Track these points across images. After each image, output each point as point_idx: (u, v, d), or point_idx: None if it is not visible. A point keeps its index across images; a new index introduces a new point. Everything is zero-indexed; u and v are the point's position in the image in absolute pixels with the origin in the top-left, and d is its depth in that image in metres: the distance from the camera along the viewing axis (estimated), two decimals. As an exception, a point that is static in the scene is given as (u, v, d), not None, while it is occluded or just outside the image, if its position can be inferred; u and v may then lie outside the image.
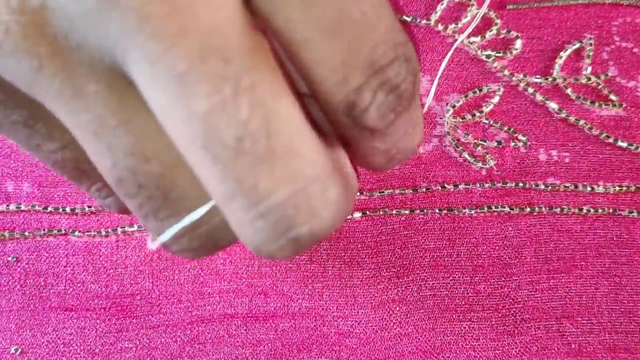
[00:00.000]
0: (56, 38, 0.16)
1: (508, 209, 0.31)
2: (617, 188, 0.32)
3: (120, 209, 0.22)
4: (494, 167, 0.32)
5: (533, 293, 0.30)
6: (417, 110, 0.20)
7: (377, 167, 0.21)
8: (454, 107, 0.32)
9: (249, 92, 0.16)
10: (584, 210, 0.31)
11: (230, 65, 0.16)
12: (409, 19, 0.33)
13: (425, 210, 0.31)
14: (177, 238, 0.19)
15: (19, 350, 0.29)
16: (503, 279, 0.30)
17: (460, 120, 0.32)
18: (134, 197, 0.18)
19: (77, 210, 0.30)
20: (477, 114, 0.32)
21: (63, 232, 0.30)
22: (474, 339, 0.29)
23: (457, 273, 0.30)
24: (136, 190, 0.18)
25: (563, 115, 0.32)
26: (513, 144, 0.32)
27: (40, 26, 0.16)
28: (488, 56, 0.33)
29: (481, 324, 0.30)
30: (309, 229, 0.17)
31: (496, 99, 0.32)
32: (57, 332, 0.29)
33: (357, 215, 0.31)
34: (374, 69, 0.18)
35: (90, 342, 0.29)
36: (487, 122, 0.32)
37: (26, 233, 0.30)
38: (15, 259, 0.30)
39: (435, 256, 0.31)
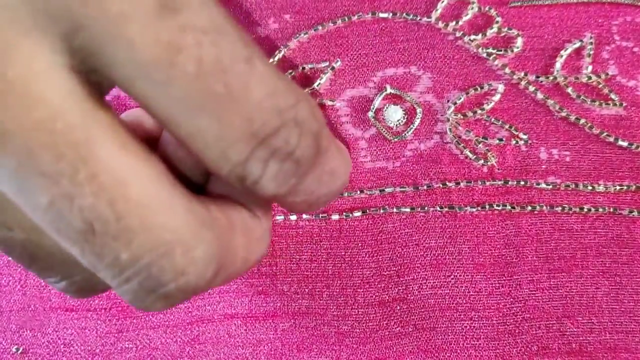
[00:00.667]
0: None
1: (509, 208, 0.31)
2: (618, 187, 0.32)
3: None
4: (495, 165, 0.32)
5: (534, 292, 0.30)
6: (330, 160, 0.20)
7: (299, 212, 0.21)
8: (455, 104, 0.32)
9: (90, 183, 0.16)
10: (585, 210, 0.31)
11: (64, 159, 0.16)
12: (410, 17, 0.33)
13: (426, 209, 0.31)
14: (56, 283, 0.20)
15: (20, 349, 0.29)
16: (504, 278, 0.30)
17: (462, 117, 0.32)
18: (8, 254, 0.19)
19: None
20: (479, 112, 0.32)
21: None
22: (475, 338, 0.29)
23: (457, 272, 0.30)
24: (7, 250, 0.19)
25: (564, 114, 0.32)
26: (514, 142, 0.32)
27: None
28: (489, 54, 0.33)
29: (482, 323, 0.30)
30: (176, 286, 0.17)
31: (497, 97, 0.32)
32: (57, 332, 0.29)
33: (358, 213, 0.31)
34: (257, 140, 0.17)
35: (91, 342, 0.29)
36: (488, 119, 0.32)
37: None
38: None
39: (436, 255, 0.31)
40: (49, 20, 0.15)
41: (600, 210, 0.31)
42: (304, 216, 0.30)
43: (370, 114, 0.32)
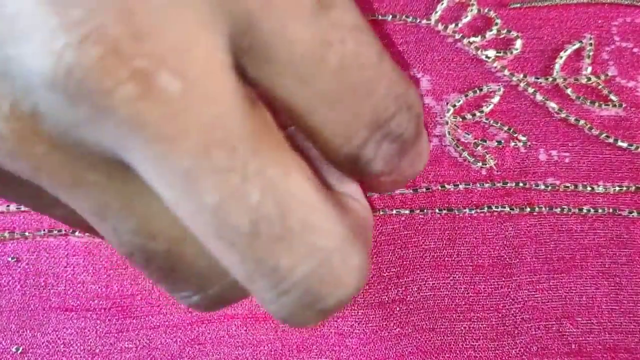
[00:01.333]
0: (52, 138, 0.16)
1: (508, 209, 0.31)
2: (617, 188, 0.32)
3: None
4: (494, 167, 0.32)
5: (533, 293, 0.30)
6: (422, 142, 0.21)
7: (383, 191, 0.21)
8: (454, 106, 0.32)
9: (257, 177, 0.16)
10: (584, 211, 0.31)
11: (235, 155, 0.16)
12: (409, 19, 0.33)
13: (425, 210, 0.31)
14: (187, 298, 0.20)
15: (20, 349, 0.29)
16: (503, 279, 0.30)
17: (461, 119, 0.32)
18: (143, 268, 0.19)
19: (77, 211, 0.30)
20: (478, 114, 0.32)
21: (63, 232, 0.30)
22: (474, 339, 0.29)
23: (457, 273, 0.30)
24: (145, 263, 0.19)
25: (563, 115, 0.32)
26: (513, 143, 0.32)
27: (34, 129, 0.16)
28: (488, 56, 0.33)
29: (481, 324, 0.30)
30: (335, 299, 0.17)
31: (496, 99, 0.32)
32: (57, 332, 0.29)
33: (357, 215, 0.31)
34: (377, 124, 0.18)
35: (91, 342, 0.29)
36: (487, 122, 0.32)
37: (26, 233, 0.30)
38: (15, 259, 0.30)
39: (435, 256, 0.31)
40: (223, 14, 0.16)
41: (600, 211, 0.31)
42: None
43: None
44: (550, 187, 0.32)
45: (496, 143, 0.32)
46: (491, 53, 0.33)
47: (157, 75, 0.15)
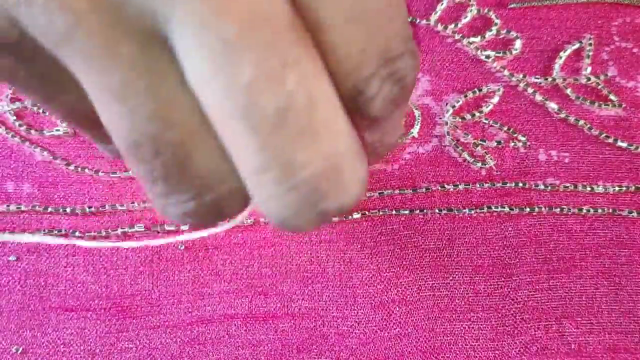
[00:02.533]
0: None
1: (508, 209, 0.31)
2: (617, 188, 0.32)
3: (119, 157, 0.22)
4: (494, 167, 0.32)
5: (533, 293, 0.30)
6: (404, 109, 0.21)
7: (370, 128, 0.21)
8: (453, 107, 0.32)
9: (295, 66, 0.16)
10: (584, 211, 0.31)
11: (279, 37, 0.16)
12: (408, 19, 0.33)
13: (425, 211, 0.31)
14: (181, 203, 0.19)
15: (20, 349, 0.29)
16: (503, 279, 0.30)
17: (460, 120, 0.32)
18: (147, 162, 0.18)
19: (77, 211, 0.31)
20: (477, 114, 0.32)
21: (63, 232, 0.30)
22: (474, 339, 0.29)
23: (456, 273, 0.30)
24: (151, 156, 0.18)
25: (563, 116, 0.32)
26: (513, 144, 0.32)
27: None
28: (488, 56, 0.33)
29: (481, 324, 0.30)
30: (336, 204, 0.18)
31: (496, 99, 0.32)
32: (57, 333, 0.29)
33: (357, 215, 0.31)
34: (385, 59, 0.18)
35: (91, 342, 0.29)
36: (486, 122, 0.32)
37: (26, 233, 0.30)
38: (16, 259, 0.30)
39: (435, 256, 0.31)
40: None
41: (600, 211, 0.31)
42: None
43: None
44: (549, 187, 0.32)
45: (496, 143, 0.32)
46: (491, 54, 0.33)
47: None
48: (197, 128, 0.17)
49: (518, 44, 0.33)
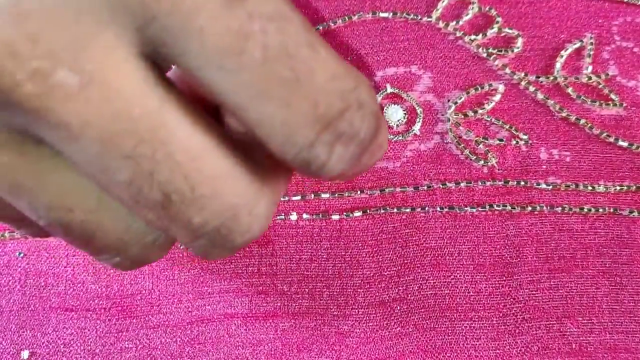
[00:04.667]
0: None
1: (509, 208, 0.31)
2: (618, 187, 0.32)
3: (37, 236, 0.23)
4: (496, 165, 0.32)
5: (534, 292, 0.30)
6: (382, 135, 0.20)
7: (341, 180, 0.21)
8: (455, 103, 0.32)
9: (166, 160, 0.17)
10: (585, 210, 0.31)
11: (143, 144, 0.16)
12: (410, 16, 0.33)
13: (426, 209, 0.31)
14: (109, 259, 0.21)
15: (27, 353, 0.29)
16: (504, 278, 0.30)
17: (462, 116, 0.32)
18: (64, 238, 0.20)
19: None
20: (479, 111, 0.32)
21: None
22: (475, 339, 0.29)
23: (458, 272, 0.30)
24: (65, 234, 0.19)
25: (564, 114, 0.32)
26: (514, 142, 0.32)
27: None
28: (489, 54, 0.33)
29: (482, 324, 0.30)
30: (242, 240, 0.19)
31: (497, 97, 0.32)
32: (57, 332, 0.29)
33: (358, 213, 0.31)
34: (322, 123, 0.17)
35: (91, 342, 0.29)
36: (488, 119, 0.32)
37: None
38: (22, 255, 0.30)
39: (436, 255, 0.30)
40: (123, 12, 0.16)
41: (601, 210, 0.31)
42: (304, 216, 0.30)
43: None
44: (551, 186, 0.32)
45: (497, 141, 0.32)
46: (492, 52, 0.33)
47: (55, 73, 0.15)
48: (96, 205, 0.19)
49: (519, 42, 0.33)
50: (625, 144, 0.32)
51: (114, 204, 0.19)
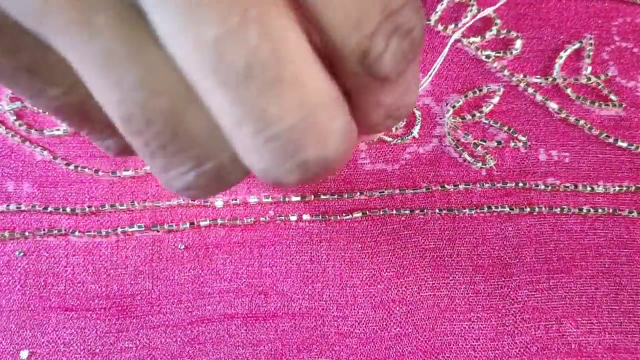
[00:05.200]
0: None
1: (508, 209, 0.31)
2: (617, 188, 0.32)
3: (119, 151, 0.22)
4: (494, 167, 0.32)
5: (533, 293, 0.30)
6: (416, 68, 0.21)
7: (375, 124, 0.21)
8: (454, 107, 0.32)
9: (257, 23, 0.16)
10: (584, 210, 0.31)
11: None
12: None
13: (425, 211, 0.31)
14: (183, 174, 0.19)
15: (27, 353, 0.29)
16: (503, 279, 0.30)
17: (460, 120, 0.32)
18: (142, 134, 0.18)
19: (77, 210, 0.30)
20: (477, 114, 0.32)
21: (63, 232, 0.30)
22: (474, 339, 0.29)
23: (457, 273, 0.30)
24: (144, 126, 0.18)
25: (563, 115, 0.32)
26: (513, 144, 0.32)
27: None
28: (488, 56, 0.33)
29: (481, 324, 0.30)
30: (316, 154, 0.18)
31: (496, 99, 0.32)
32: (57, 332, 0.29)
33: (358, 215, 0.31)
34: (386, 12, 0.18)
35: (90, 342, 0.29)
36: (487, 122, 0.32)
37: (26, 233, 0.30)
38: (22, 254, 0.30)
39: (435, 256, 0.31)
40: None
41: (600, 211, 0.31)
42: (304, 217, 0.31)
43: (370, 116, 0.32)
44: (550, 187, 0.32)
45: (496, 143, 0.32)
46: (491, 54, 0.33)
47: None
48: (185, 93, 0.17)
49: (518, 43, 0.33)
50: (624, 145, 0.32)
51: (200, 103, 0.18)
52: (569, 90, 0.33)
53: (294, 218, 0.31)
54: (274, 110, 0.17)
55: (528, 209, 0.31)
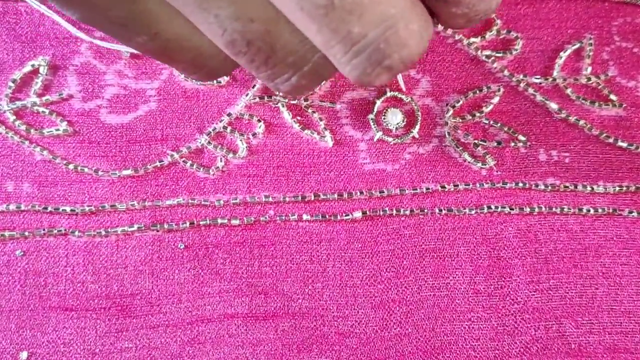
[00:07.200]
0: None
1: (508, 209, 0.31)
2: (617, 188, 0.32)
3: (204, 79, 0.26)
4: (494, 168, 0.32)
5: (533, 293, 0.30)
6: None
7: (459, 27, 0.22)
8: (454, 107, 0.32)
9: None
10: (584, 210, 0.31)
11: None
12: None
13: (425, 210, 0.31)
14: (287, 80, 0.23)
15: (26, 354, 0.29)
16: (503, 279, 0.30)
17: (460, 120, 0.32)
18: (245, 53, 0.22)
19: (77, 210, 0.30)
20: (477, 114, 0.32)
21: (63, 232, 0.30)
22: (474, 339, 0.29)
23: (457, 273, 0.30)
24: (246, 47, 0.21)
25: (563, 116, 0.32)
26: (513, 144, 0.32)
27: None
28: (488, 56, 0.33)
29: (481, 324, 0.30)
30: (399, 57, 0.20)
31: (496, 99, 0.32)
32: (57, 332, 0.29)
33: (358, 214, 0.31)
34: None
35: (90, 342, 0.29)
36: (487, 122, 0.32)
37: (26, 233, 0.30)
38: (22, 254, 0.30)
39: (435, 256, 0.31)
40: None
41: (600, 211, 0.31)
42: (304, 217, 0.31)
43: (371, 116, 0.32)
44: (550, 187, 0.32)
45: (496, 143, 0.32)
46: (491, 54, 0.33)
47: None
48: (276, 18, 0.21)
49: (518, 44, 0.33)
50: (624, 145, 0.32)
51: (287, 20, 0.20)
52: (569, 91, 0.33)
53: (294, 218, 0.31)
54: (357, 29, 0.19)
55: (528, 209, 0.31)
